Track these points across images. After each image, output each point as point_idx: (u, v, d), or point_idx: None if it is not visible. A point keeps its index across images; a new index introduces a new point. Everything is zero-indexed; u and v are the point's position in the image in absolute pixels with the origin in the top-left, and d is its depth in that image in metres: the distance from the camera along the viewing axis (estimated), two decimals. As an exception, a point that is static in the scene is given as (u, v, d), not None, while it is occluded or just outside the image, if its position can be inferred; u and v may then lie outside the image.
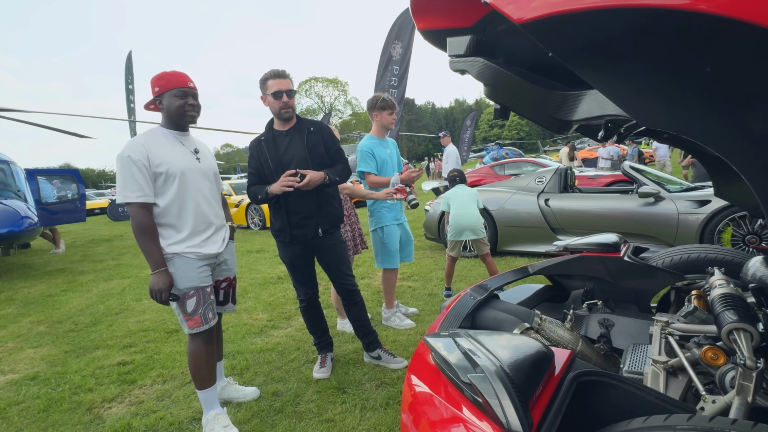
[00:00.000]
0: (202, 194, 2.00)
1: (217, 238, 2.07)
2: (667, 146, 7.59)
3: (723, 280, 1.37)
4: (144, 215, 1.85)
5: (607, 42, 0.76)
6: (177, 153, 1.94)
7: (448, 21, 1.16)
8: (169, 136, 1.97)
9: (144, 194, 1.84)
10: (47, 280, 5.86)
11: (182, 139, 2.01)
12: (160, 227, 1.91)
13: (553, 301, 2.18)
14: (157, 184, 1.89)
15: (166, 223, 1.92)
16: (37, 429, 2.18)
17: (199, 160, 2.03)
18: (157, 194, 1.90)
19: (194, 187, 1.97)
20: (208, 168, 2.07)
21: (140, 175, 1.83)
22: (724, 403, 0.95)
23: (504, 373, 0.86)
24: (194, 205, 1.96)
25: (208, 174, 2.06)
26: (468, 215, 3.54)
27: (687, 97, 0.77)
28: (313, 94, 52.27)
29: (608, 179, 8.13)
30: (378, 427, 1.97)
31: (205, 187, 2.03)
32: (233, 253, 2.24)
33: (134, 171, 1.82)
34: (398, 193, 2.71)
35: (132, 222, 1.87)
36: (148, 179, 1.85)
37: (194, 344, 1.99)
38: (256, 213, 9.42)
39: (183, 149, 1.98)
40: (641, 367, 1.29)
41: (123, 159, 1.83)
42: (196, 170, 1.99)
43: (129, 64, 13.43)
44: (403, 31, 7.07)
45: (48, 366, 2.95)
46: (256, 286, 4.62)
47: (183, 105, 1.94)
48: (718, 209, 3.89)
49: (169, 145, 1.95)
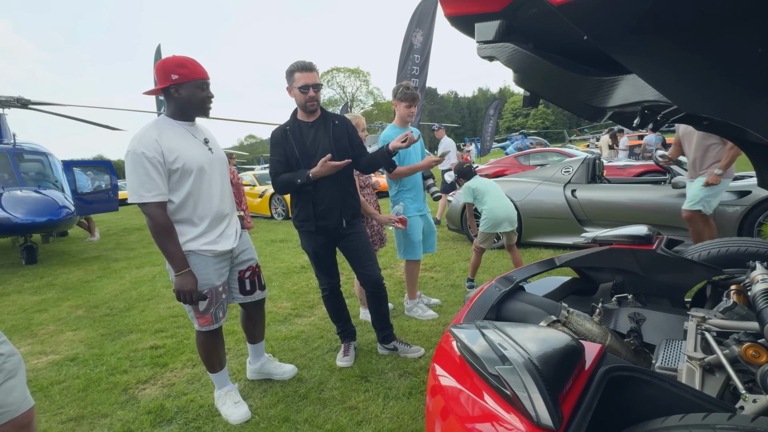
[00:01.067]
0: (216, 186, 1.96)
1: (231, 232, 2.03)
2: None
3: (766, 274, 1.30)
4: (161, 215, 1.78)
5: (645, 23, 0.72)
6: (191, 146, 1.87)
7: (477, 6, 1.13)
8: (178, 128, 1.88)
9: (161, 192, 1.77)
10: (84, 266, 6.14)
11: (192, 131, 1.93)
12: (176, 224, 1.85)
13: (580, 294, 2.13)
14: (171, 180, 1.81)
15: (182, 218, 1.87)
16: (78, 407, 2.30)
17: (211, 150, 1.97)
18: (172, 190, 1.82)
19: (209, 180, 1.92)
20: (219, 157, 2.01)
21: (155, 173, 1.74)
22: (766, 402, 0.91)
23: (533, 366, 0.84)
24: (210, 198, 1.92)
25: (220, 164, 2.01)
26: (506, 206, 3.53)
27: (735, 80, 0.72)
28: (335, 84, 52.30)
29: (639, 169, 7.83)
30: (401, 415, 1.99)
31: (219, 178, 1.98)
32: (249, 242, 2.20)
33: (149, 168, 1.73)
34: (399, 223, 2.80)
35: (149, 222, 1.79)
36: (163, 176, 1.77)
37: (201, 337, 2.03)
38: (279, 203, 9.56)
39: (195, 141, 1.91)
40: (675, 363, 1.25)
41: (136, 155, 1.72)
42: (210, 162, 1.93)
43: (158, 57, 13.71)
44: (423, 18, 6.93)
45: (86, 348, 3.10)
46: (280, 275, 4.71)
47: (205, 98, 1.88)
48: (758, 200, 3.69)
49: (181, 137, 1.86)
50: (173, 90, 1.83)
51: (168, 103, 1.88)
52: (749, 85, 0.72)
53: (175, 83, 1.81)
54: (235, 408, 2.07)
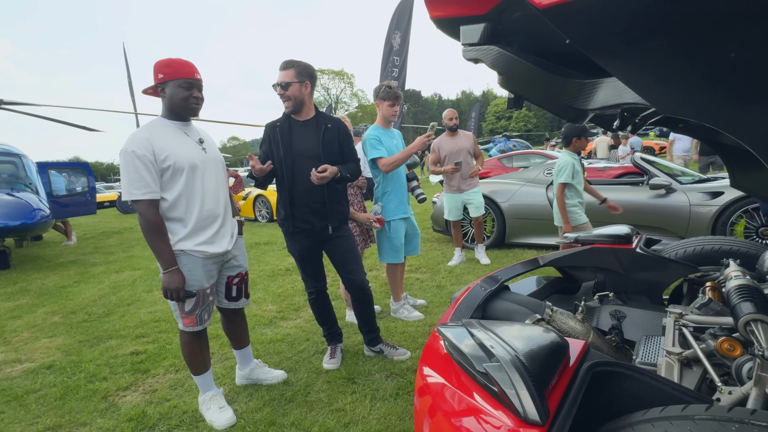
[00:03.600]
0: (210, 186, 1.96)
1: (225, 233, 2.03)
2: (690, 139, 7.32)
3: (739, 271, 1.35)
4: (152, 212, 1.80)
5: (627, 28, 0.75)
6: (182, 145, 1.89)
7: (462, 8, 1.14)
8: (172, 128, 1.91)
9: (151, 190, 1.79)
10: (60, 271, 5.95)
11: (186, 130, 1.95)
12: (168, 222, 1.87)
13: (563, 292, 2.17)
14: (163, 179, 1.83)
15: (174, 217, 1.88)
16: (55, 416, 2.22)
17: (205, 150, 1.98)
18: (164, 189, 1.84)
19: (202, 179, 1.92)
20: (215, 158, 2.02)
21: (146, 171, 1.77)
22: (741, 394, 0.95)
23: (520, 363, 0.86)
24: (202, 198, 1.92)
25: (215, 164, 2.01)
26: None
27: (710, 83, 0.75)
28: (319, 86, 52.07)
29: (618, 171, 8.03)
30: (388, 416, 1.99)
31: (213, 178, 1.98)
32: (243, 249, 2.21)
33: (139, 167, 1.76)
34: (377, 222, 2.90)
35: (140, 219, 1.82)
36: (154, 174, 1.80)
37: (185, 337, 2.02)
38: (263, 205, 9.46)
39: (188, 140, 1.93)
40: (654, 358, 1.28)
41: (127, 154, 1.76)
42: (203, 161, 1.94)
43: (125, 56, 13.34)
44: (401, 19, 6.97)
45: (63, 355, 3.01)
46: (264, 278, 4.66)
47: (188, 97, 1.88)
48: (731, 201, 3.83)
49: (173, 137, 1.88)
50: (160, 89, 1.88)
51: (162, 102, 1.92)
52: (724, 89, 0.75)
53: (161, 82, 1.86)
54: (219, 413, 2.04)
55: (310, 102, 2.32)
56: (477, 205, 4.47)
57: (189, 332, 1.99)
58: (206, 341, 2.10)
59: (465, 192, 4.47)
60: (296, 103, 2.26)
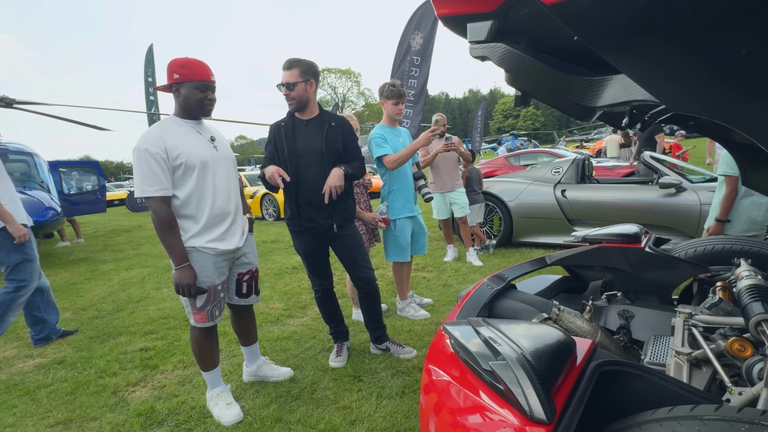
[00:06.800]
0: (221, 183, 1.98)
1: (236, 230, 2.06)
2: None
3: (750, 271, 1.34)
4: (164, 209, 1.83)
5: (635, 24, 0.74)
6: (194, 143, 1.92)
7: (469, 6, 1.14)
8: (184, 126, 1.94)
9: (163, 187, 1.82)
10: (71, 268, 6.04)
11: (198, 128, 1.98)
12: (180, 219, 1.90)
13: (571, 292, 2.16)
14: (175, 176, 1.86)
15: (186, 214, 1.91)
16: (66, 410, 2.26)
17: (217, 148, 2.00)
18: (176, 186, 1.88)
19: (213, 177, 1.95)
20: (226, 156, 2.05)
21: (158, 168, 1.80)
22: (752, 394, 0.93)
23: (526, 361, 0.86)
24: (213, 195, 1.94)
25: (227, 162, 2.04)
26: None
27: (721, 80, 0.74)
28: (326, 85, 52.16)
29: (627, 170, 7.95)
30: (394, 414, 2.00)
31: (224, 176, 2.01)
32: (253, 246, 2.23)
33: (152, 164, 1.79)
34: (382, 222, 2.92)
35: (152, 216, 1.84)
36: (166, 172, 1.83)
37: (195, 333, 2.04)
38: (270, 204, 9.51)
39: (200, 138, 1.96)
40: (663, 358, 1.27)
41: (140, 152, 1.79)
42: (215, 159, 1.96)
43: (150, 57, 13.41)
44: (424, 21, 6.95)
45: (74, 351, 3.05)
46: (271, 276, 4.68)
47: (203, 99, 1.91)
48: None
49: (185, 135, 1.91)
50: (175, 89, 1.90)
51: (175, 101, 1.95)
52: (735, 85, 0.74)
53: (176, 82, 1.88)
54: (227, 409, 2.06)
55: (314, 100, 2.33)
56: (461, 206, 4.52)
57: (200, 328, 2.01)
58: (216, 338, 2.12)
59: (449, 192, 4.51)
60: (301, 102, 2.27)
